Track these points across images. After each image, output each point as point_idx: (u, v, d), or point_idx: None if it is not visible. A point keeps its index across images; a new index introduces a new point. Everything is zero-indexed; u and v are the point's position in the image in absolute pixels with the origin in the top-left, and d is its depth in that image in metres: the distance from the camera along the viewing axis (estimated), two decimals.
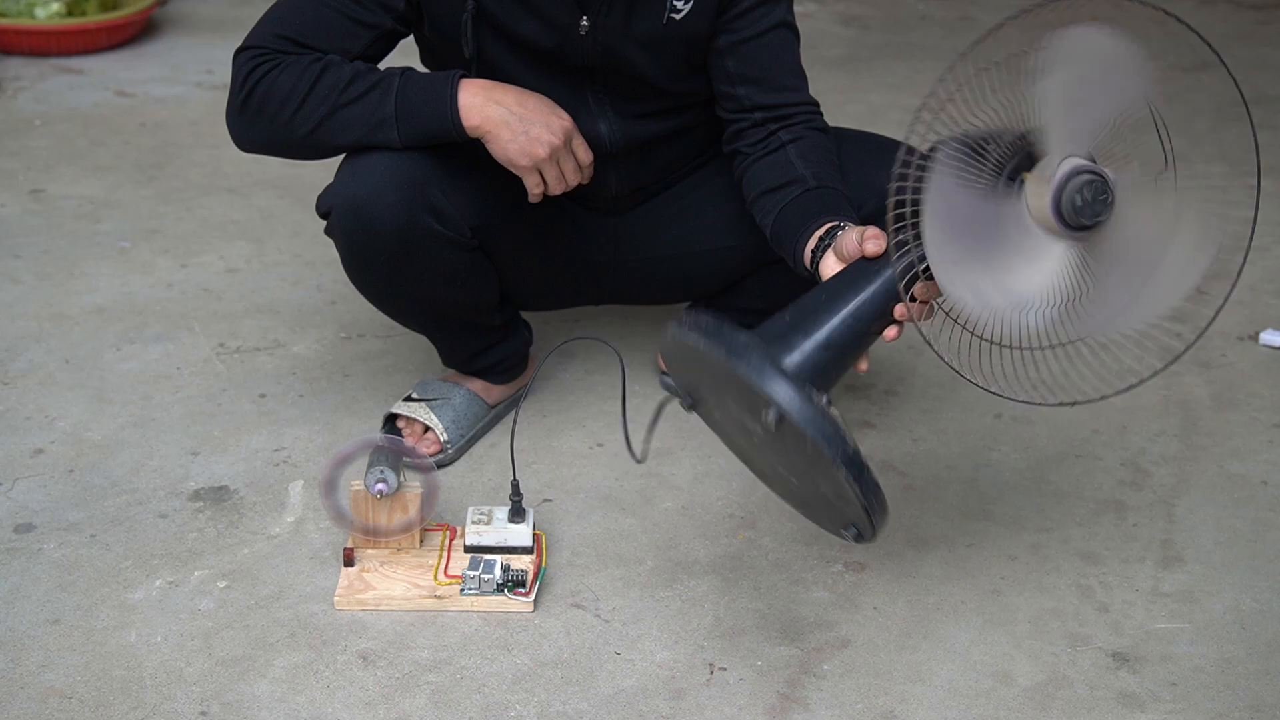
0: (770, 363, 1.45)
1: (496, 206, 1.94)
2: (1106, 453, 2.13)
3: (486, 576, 1.75)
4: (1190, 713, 1.64)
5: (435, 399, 2.07)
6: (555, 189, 1.86)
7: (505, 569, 1.77)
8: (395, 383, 2.22)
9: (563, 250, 2.08)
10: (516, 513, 1.81)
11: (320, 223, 1.90)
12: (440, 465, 2.01)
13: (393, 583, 1.76)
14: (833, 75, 3.63)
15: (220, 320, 2.40)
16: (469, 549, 1.80)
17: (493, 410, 2.14)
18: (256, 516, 1.92)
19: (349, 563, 1.78)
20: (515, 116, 1.80)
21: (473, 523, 1.81)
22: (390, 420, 2.08)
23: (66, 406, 2.14)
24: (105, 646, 1.68)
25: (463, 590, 1.76)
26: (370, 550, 1.81)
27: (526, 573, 1.77)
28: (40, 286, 2.49)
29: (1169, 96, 1.59)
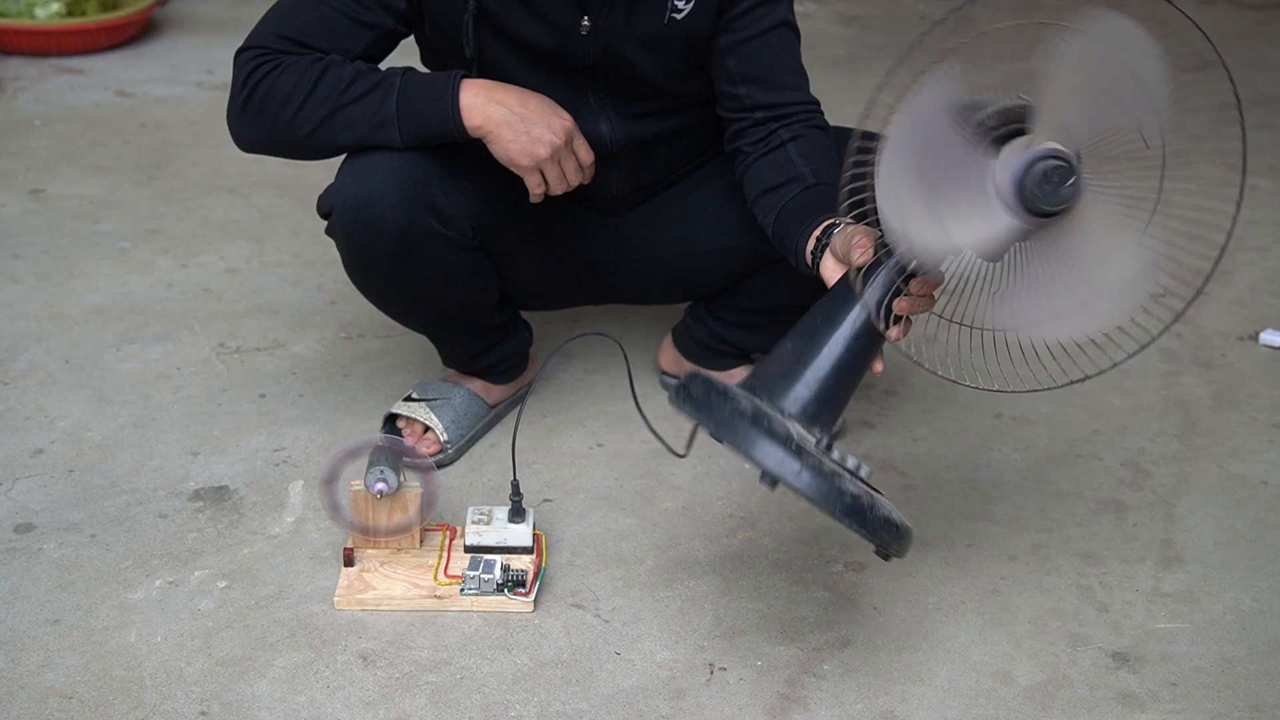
0: (757, 428, 1.47)
1: (497, 206, 1.94)
2: (1106, 453, 2.13)
3: (486, 576, 1.75)
4: (1190, 713, 1.64)
5: (435, 399, 2.07)
6: (557, 189, 1.86)
7: (505, 569, 1.77)
8: (395, 383, 2.22)
9: (563, 250, 2.08)
10: (516, 513, 1.81)
11: (320, 223, 1.90)
12: (440, 465, 2.01)
13: (393, 583, 1.76)
14: (833, 75, 3.63)
15: (220, 320, 2.40)
16: (469, 549, 1.80)
17: (493, 410, 2.14)
18: (256, 516, 1.92)
19: (349, 563, 1.78)
20: (517, 116, 1.80)
21: (473, 523, 1.81)
22: (390, 420, 2.08)
23: (66, 406, 2.14)
24: (105, 646, 1.68)
25: (463, 590, 1.76)
26: (370, 550, 1.81)
27: (526, 573, 1.77)
28: (40, 286, 2.49)
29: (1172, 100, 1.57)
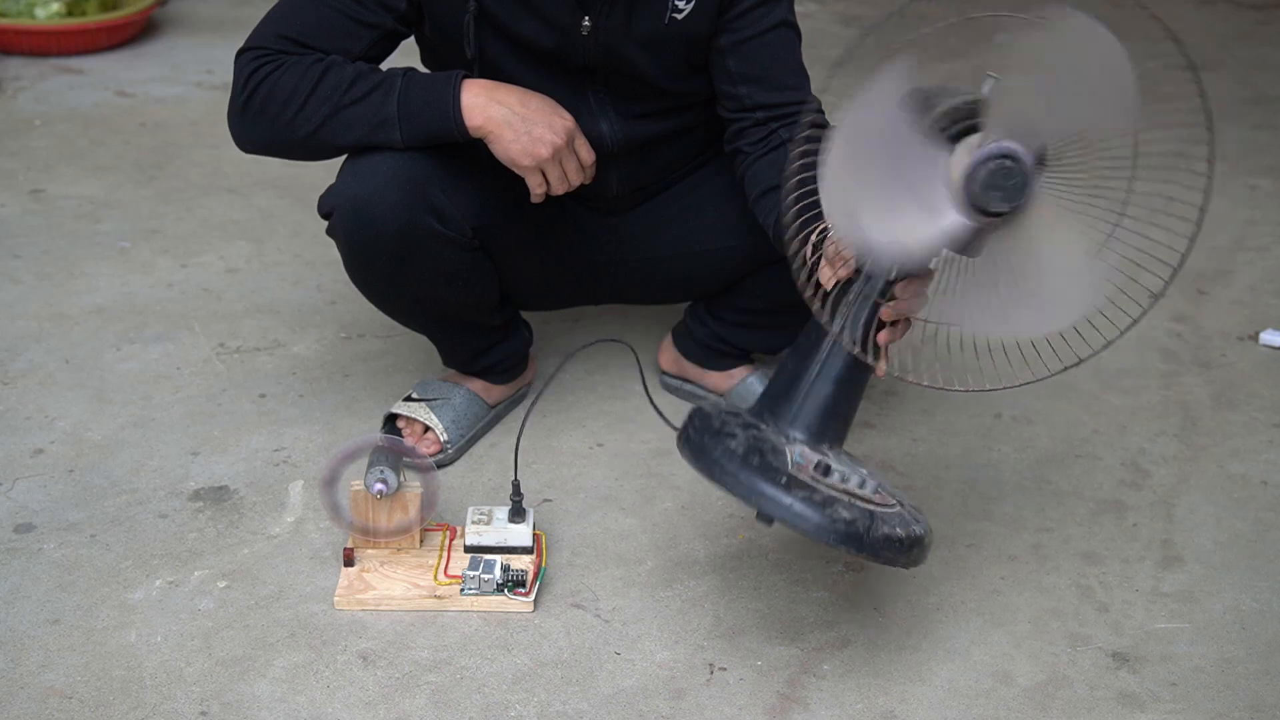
0: (746, 468, 1.51)
1: (498, 206, 1.94)
2: (1106, 453, 2.13)
3: (486, 576, 1.75)
4: (1190, 713, 1.64)
5: (435, 399, 2.07)
6: (558, 189, 1.86)
7: (505, 569, 1.77)
8: (395, 383, 2.22)
9: (563, 250, 2.08)
10: (516, 513, 1.81)
11: (320, 223, 1.90)
12: (440, 465, 2.01)
13: (393, 583, 1.76)
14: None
15: (220, 320, 2.40)
16: (469, 549, 1.80)
17: (493, 410, 2.14)
18: (256, 516, 1.92)
19: (349, 563, 1.78)
20: (518, 116, 1.80)
21: (473, 523, 1.81)
22: (390, 420, 2.08)
23: (66, 406, 2.14)
24: (105, 646, 1.68)
25: (463, 590, 1.76)
26: (370, 550, 1.81)
27: (526, 573, 1.77)
28: (40, 286, 2.49)
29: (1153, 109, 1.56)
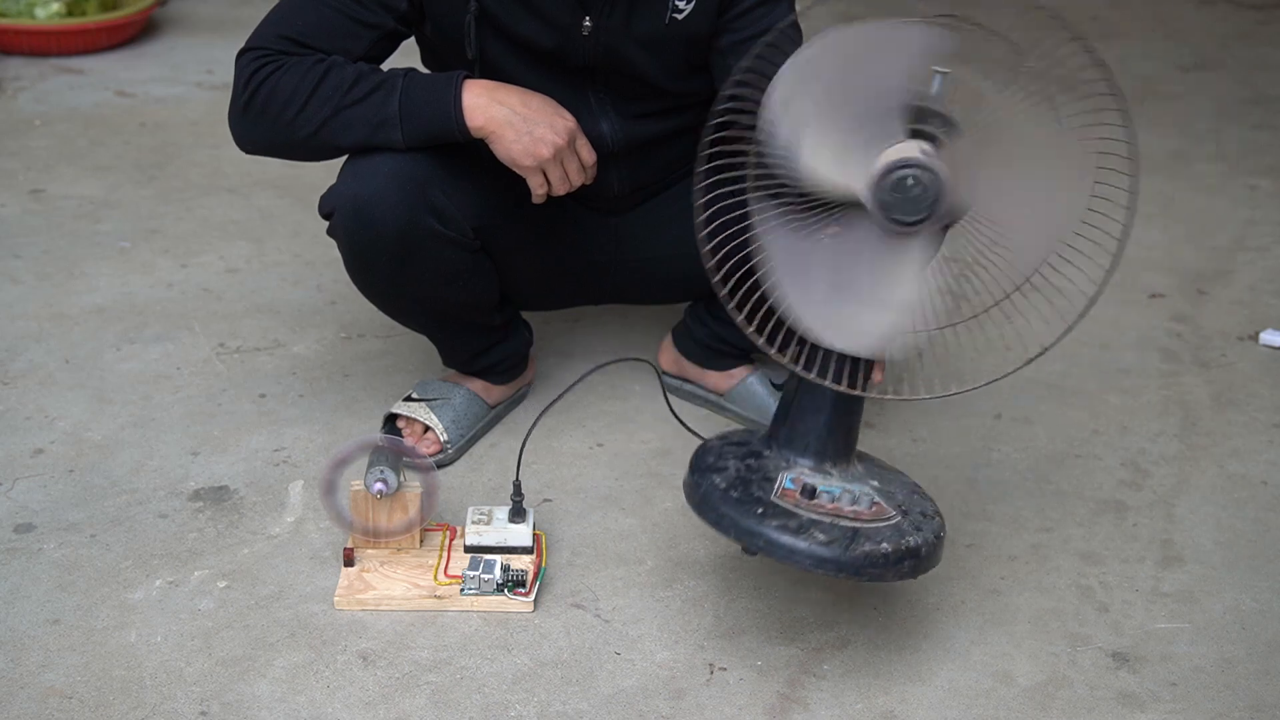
0: (726, 504, 1.58)
1: (498, 207, 1.94)
2: (1106, 453, 2.13)
3: (486, 576, 1.75)
4: (1190, 713, 1.64)
5: (435, 399, 2.07)
6: (559, 189, 1.86)
7: (505, 569, 1.77)
8: (395, 383, 2.22)
9: (564, 250, 2.08)
10: (517, 513, 1.81)
11: (320, 223, 1.90)
12: (440, 465, 2.01)
13: (393, 583, 1.76)
14: None
15: (220, 320, 2.40)
16: (469, 549, 1.80)
17: (493, 410, 2.14)
18: (256, 516, 1.92)
19: (349, 563, 1.78)
20: (519, 117, 1.80)
21: (473, 523, 1.81)
22: (390, 420, 2.08)
23: (66, 406, 2.14)
24: (105, 646, 1.68)
25: (463, 590, 1.76)
26: (370, 550, 1.81)
27: (526, 573, 1.77)
28: (40, 286, 2.49)
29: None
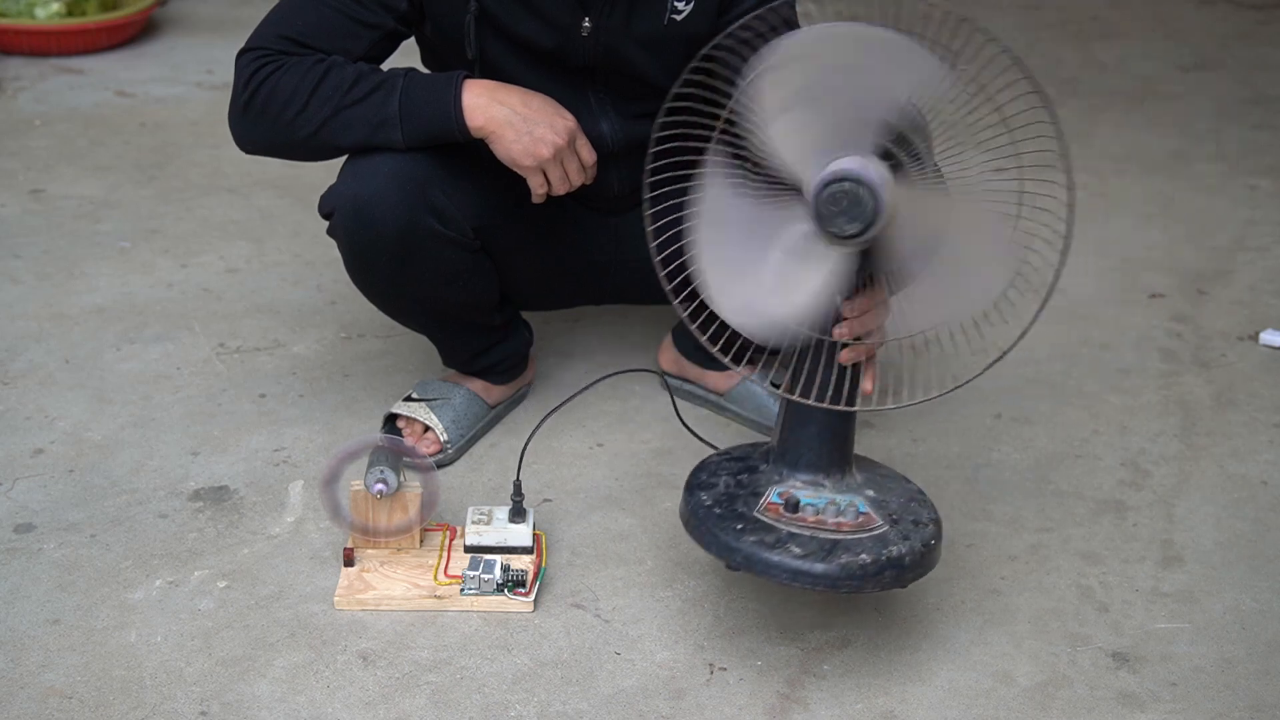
0: (708, 522, 1.62)
1: (498, 207, 1.94)
2: (1106, 453, 2.13)
3: (486, 576, 1.75)
4: (1190, 713, 1.64)
5: (435, 399, 2.07)
6: (559, 189, 1.86)
7: (505, 569, 1.77)
8: (395, 383, 2.22)
9: (564, 250, 2.08)
10: (517, 513, 1.81)
11: (321, 223, 1.90)
12: (440, 465, 2.01)
13: (393, 583, 1.76)
14: None
15: (220, 320, 2.40)
16: (469, 549, 1.80)
17: (493, 410, 2.14)
18: (256, 516, 1.92)
19: (349, 563, 1.78)
20: (519, 117, 1.80)
21: (473, 523, 1.81)
22: (390, 420, 2.08)
23: (66, 406, 2.14)
24: (105, 646, 1.68)
25: (463, 590, 1.76)
26: (370, 550, 1.81)
27: (526, 573, 1.77)
28: (40, 286, 2.49)
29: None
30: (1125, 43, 4.07)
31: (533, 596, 1.76)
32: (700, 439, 1.93)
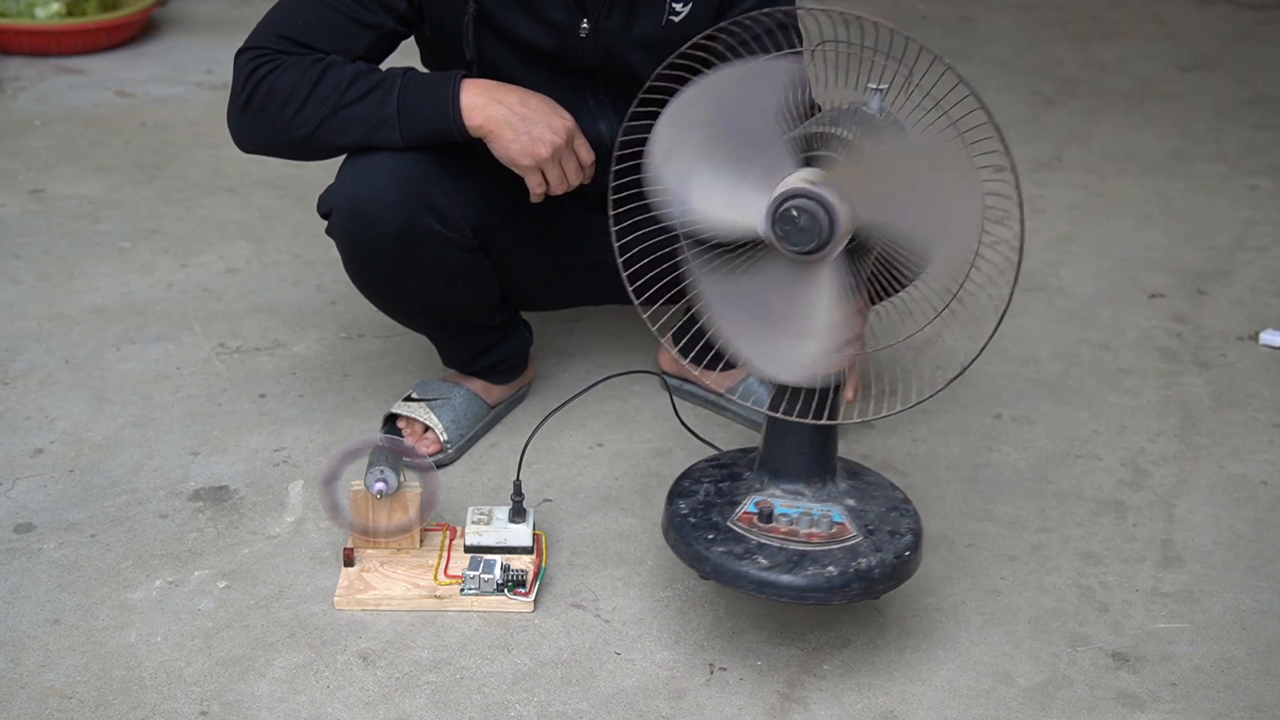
0: (682, 532, 1.64)
1: (497, 207, 1.94)
2: (1106, 453, 2.13)
3: (486, 576, 1.75)
4: (1190, 713, 1.64)
5: (435, 399, 2.07)
6: (557, 189, 1.86)
7: (505, 569, 1.77)
8: (395, 383, 2.22)
9: (562, 250, 2.08)
10: (517, 513, 1.81)
11: (320, 223, 1.90)
12: (440, 465, 2.01)
13: (393, 583, 1.76)
14: None
15: (220, 320, 2.40)
16: (469, 549, 1.80)
17: (493, 410, 2.14)
18: (256, 516, 1.92)
19: (349, 563, 1.78)
20: (518, 116, 1.80)
21: (473, 523, 1.81)
22: (390, 420, 2.08)
23: (66, 406, 2.14)
24: (105, 646, 1.68)
25: (463, 590, 1.76)
26: (370, 550, 1.81)
27: (526, 573, 1.77)
28: (40, 286, 2.49)
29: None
30: (1125, 43, 4.07)
31: (533, 596, 1.76)
32: (700, 439, 1.93)
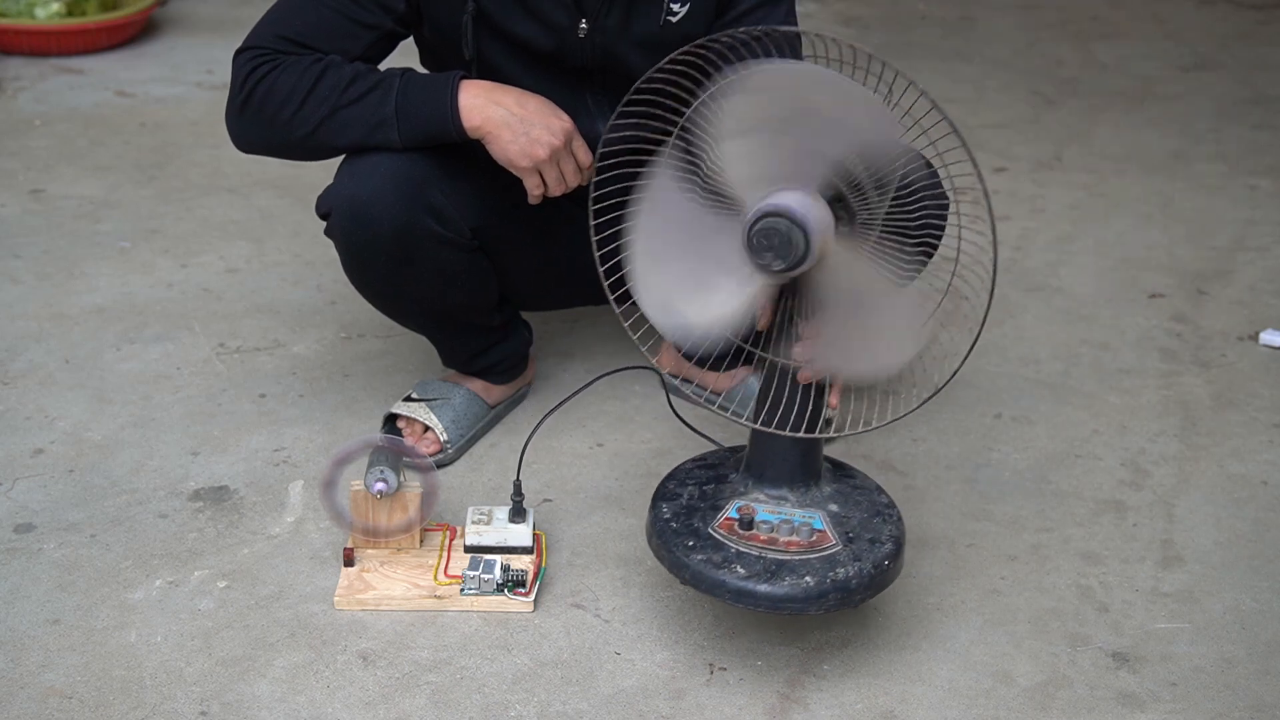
0: (663, 538, 1.64)
1: (496, 207, 1.94)
2: (1106, 453, 2.13)
3: (486, 576, 1.75)
4: (1190, 713, 1.64)
5: (435, 399, 2.07)
6: (555, 190, 1.86)
7: (505, 569, 1.77)
8: (395, 383, 2.22)
9: (561, 251, 2.08)
10: (517, 513, 1.81)
11: (320, 223, 1.90)
12: (440, 465, 2.01)
13: (393, 583, 1.76)
14: None
15: (220, 320, 2.40)
16: (469, 549, 1.80)
17: (493, 410, 2.14)
18: (256, 516, 1.92)
19: (349, 563, 1.78)
20: (516, 118, 1.80)
21: (473, 523, 1.81)
22: (390, 420, 2.08)
23: (66, 406, 2.14)
24: (105, 646, 1.68)
25: (463, 590, 1.76)
26: (370, 550, 1.81)
27: (526, 573, 1.77)
28: (40, 286, 2.49)
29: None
30: (1125, 43, 4.07)
31: (533, 596, 1.76)
32: (698, 432, 1.92)
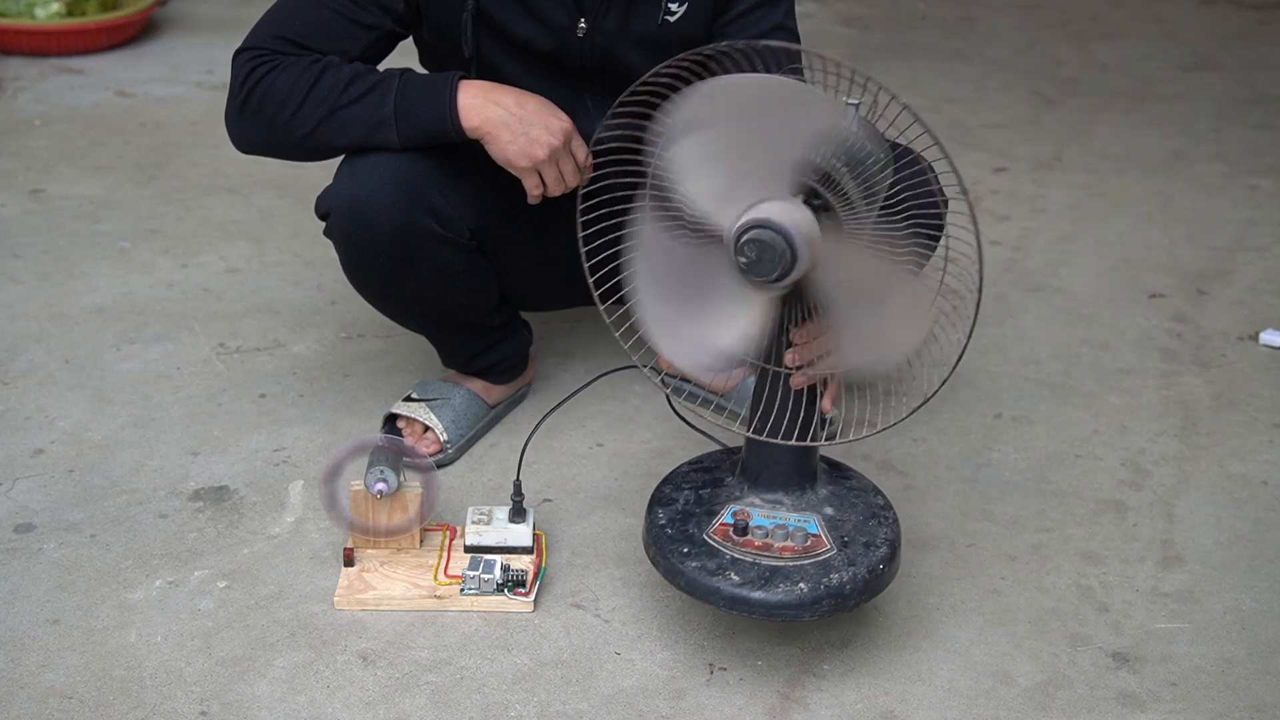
0: (658, 544, 1.65)
1: (495, 207, 1.94)
2: (1106, 453, 2.13)
3: (486, 576, 1.75)
4: (1190, 713, 1.64)
5: (435, 399, 2.07)
6: (554, 190, 1.86)
7: (505, 569, 1.77)
8: (395, 383, 2.22)
9: (561, 251, 2.08)
10: (517, 513, 1.81)
11: (320, 222, 1.90)
12: (440, 465, 2.01)
13: (393, 583, 1.76)
14: None
15: (220, 320, 2.40)
16: (469, 549, 1.80)
17: (493, 410, 2.14)
18: (256, 516, 1.92)
19: (349, 563, 1.78)
20: (514, 118, 1.80)
21: (473, 523, 1.81)
22: (390, 420, 2.08)
23: (66, 406, 2.14)
24: (105, 646, 1.68)
25: (463, 590, 1.76)
26: (370, 550, 1.81)
27: (526, 573, 1.77)
28: (40, 286, 2.49)
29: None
30: (1125, 43, 4.07)
31: (533, 596, 1.76)
32: (696, 429, 1.90)
